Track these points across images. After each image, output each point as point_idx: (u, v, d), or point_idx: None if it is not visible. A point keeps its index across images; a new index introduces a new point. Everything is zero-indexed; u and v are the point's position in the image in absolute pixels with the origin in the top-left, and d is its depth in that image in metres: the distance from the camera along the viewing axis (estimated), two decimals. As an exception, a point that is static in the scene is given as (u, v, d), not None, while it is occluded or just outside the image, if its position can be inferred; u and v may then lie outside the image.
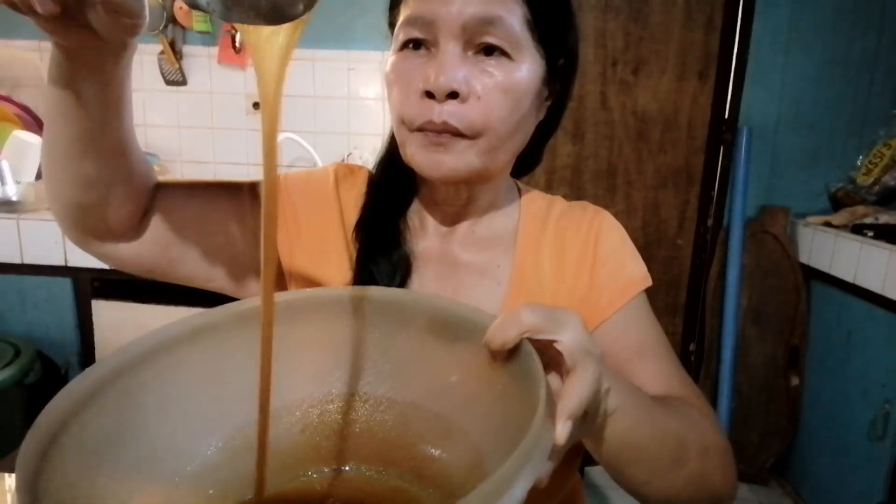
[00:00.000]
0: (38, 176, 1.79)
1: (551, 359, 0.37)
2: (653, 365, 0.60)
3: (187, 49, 2.02)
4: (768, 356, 2.02)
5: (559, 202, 0.69)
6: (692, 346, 2.18)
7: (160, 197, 0.59)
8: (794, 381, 1.98)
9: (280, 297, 0.44)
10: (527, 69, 0.54)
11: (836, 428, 1.82)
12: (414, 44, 0.55)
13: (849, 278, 1.72)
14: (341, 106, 2.03)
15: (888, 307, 1.58)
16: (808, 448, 1.97)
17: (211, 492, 0.39)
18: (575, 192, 2.10)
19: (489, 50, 0.53)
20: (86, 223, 0.55)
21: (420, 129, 0.54)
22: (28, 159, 1.72)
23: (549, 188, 0.66)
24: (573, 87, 0.64)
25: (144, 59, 2.02)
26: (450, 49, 0.52)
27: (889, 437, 1.57)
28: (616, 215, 0.68)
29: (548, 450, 0.29)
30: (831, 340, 1.85)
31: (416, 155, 0.56)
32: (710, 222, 2.10)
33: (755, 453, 2.05)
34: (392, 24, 0.59)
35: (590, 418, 0.39)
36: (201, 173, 2.10)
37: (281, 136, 1.93)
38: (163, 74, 2.03)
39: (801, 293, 1.95)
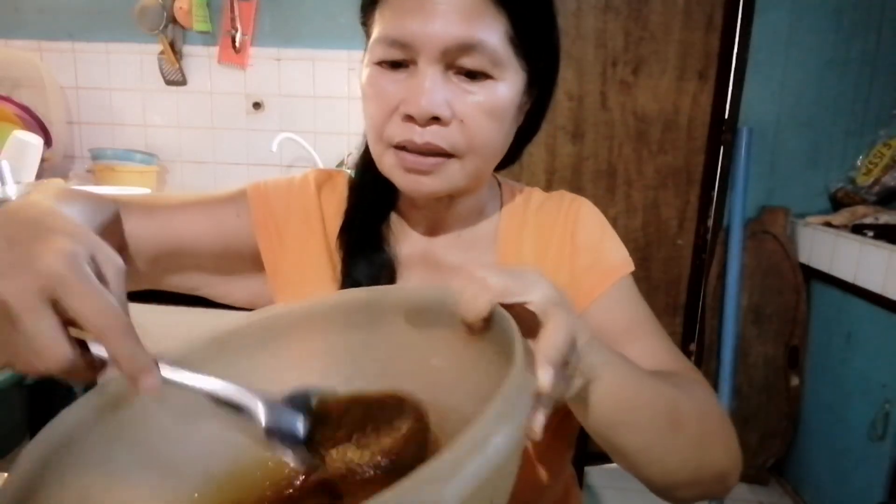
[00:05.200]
0: (38, 176, 1.79)
1: (524, 320, 0.36)
2: (642, 342, 0.59)
3: (187, 49, 2.02)
4: (768, 356, 2.02)
5: (536, 194, 0.69)
6: (692, 346, 2.18)
7: (131, 229, 0.56)
8: (794, 381, 1.98)
9: (252, 318, 0.43)
10: (508, 86, 0.53)
11: (836, 428, 1.82)
12: (391, 62, 0.53)
13: (849, 278, 1.72)
14: (341, 106, 2.02)
15: (888, 307, 1.58)
16: (808, 448, 1.97)
17: None
18: (574, 192, 2.09)
19: (471, 73, 0.52)
20: None
21: (400, 147, 0.53)
22: (28, 159, 1.72)
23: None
24: (555, 89, 0.62)
25: (144, 59, 2.03)
26: (430, 73, 0.51)
27: (889, 437, 1.57)
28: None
29: (530, 396, 0.28)
30: (831, 340, 1.85)
31: (394, 173, 0.55)
32: (710, 222, 2.09)
33: (755, 453, 2.05)
34: (365, 24, 0.58)
35: (572, 368, 0.38)
36: (201, 173, 2.10)
37: (281, 136, 1.93)
38: (163, 74, 2.03)
39: (801, 293, 1.95)
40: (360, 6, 0.58)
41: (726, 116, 2.02)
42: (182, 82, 2.04)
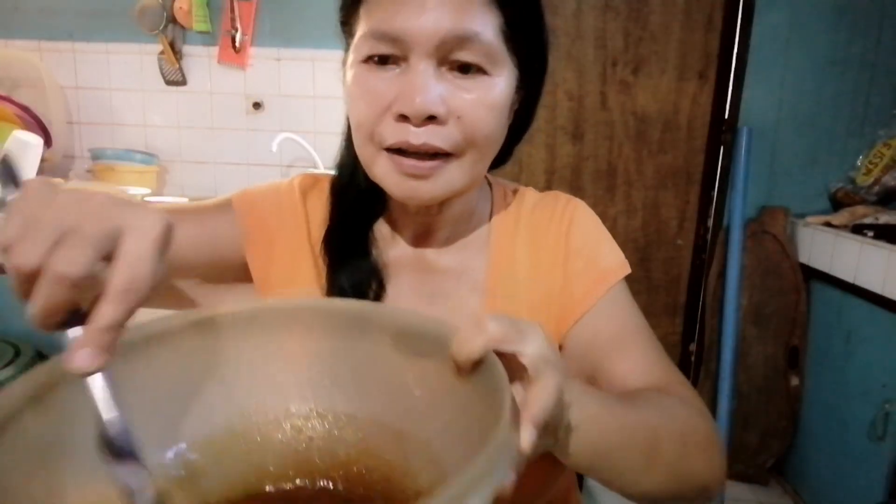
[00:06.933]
0: (38, 176, 1.79)
1: (514, 370, 0.36)
2: (633, 354, 0.58)
3: (187, 49, 2.02)
4: (768, 356, 2.02)
5: (530, 194, 0.67)
6: (692, 346, 2.18)
7: None
8: (794, 381, 1.98)
9: (235, 307, 0.42)
10: (503, 82, 0.52)
11: (836, 428, 1.82)
12: (380, 58, 0.50)
13: (849, 278, 1.72)
14: (341, 106, 2.02)
15: (888, 307, 1.58)
16: (808, 448, 1.97)
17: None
18: (574, 192, 2.08)
19: (465, 68, 0.50)
20: None
21: (394, 150, 0.51)
22: (28, 159, 1.72)
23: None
24: (543, 88, 0.61)
25: (144, 59, 2.02)
26: (422, 68, 0.49)
27: (889, 437, 1.57)
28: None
29: (513, 457, 0.28)
30: (831, 340, 1.85)
31: (388, 178, 0.52)
32: (710, 222, 2.10)
33: (755, 453, 2.05)
34: (345, 24, 0.55)
35: (551, 430, 0.38)
36: (201, 173, 2.10)
37: (281, 136, 1.93)
38: (163, 74, 2.03)
39: (801, 293, 1.95)
40: (339, 6, 0.55)
41: (726, 116, 2.02)
42: (182, 82, 2.04)
